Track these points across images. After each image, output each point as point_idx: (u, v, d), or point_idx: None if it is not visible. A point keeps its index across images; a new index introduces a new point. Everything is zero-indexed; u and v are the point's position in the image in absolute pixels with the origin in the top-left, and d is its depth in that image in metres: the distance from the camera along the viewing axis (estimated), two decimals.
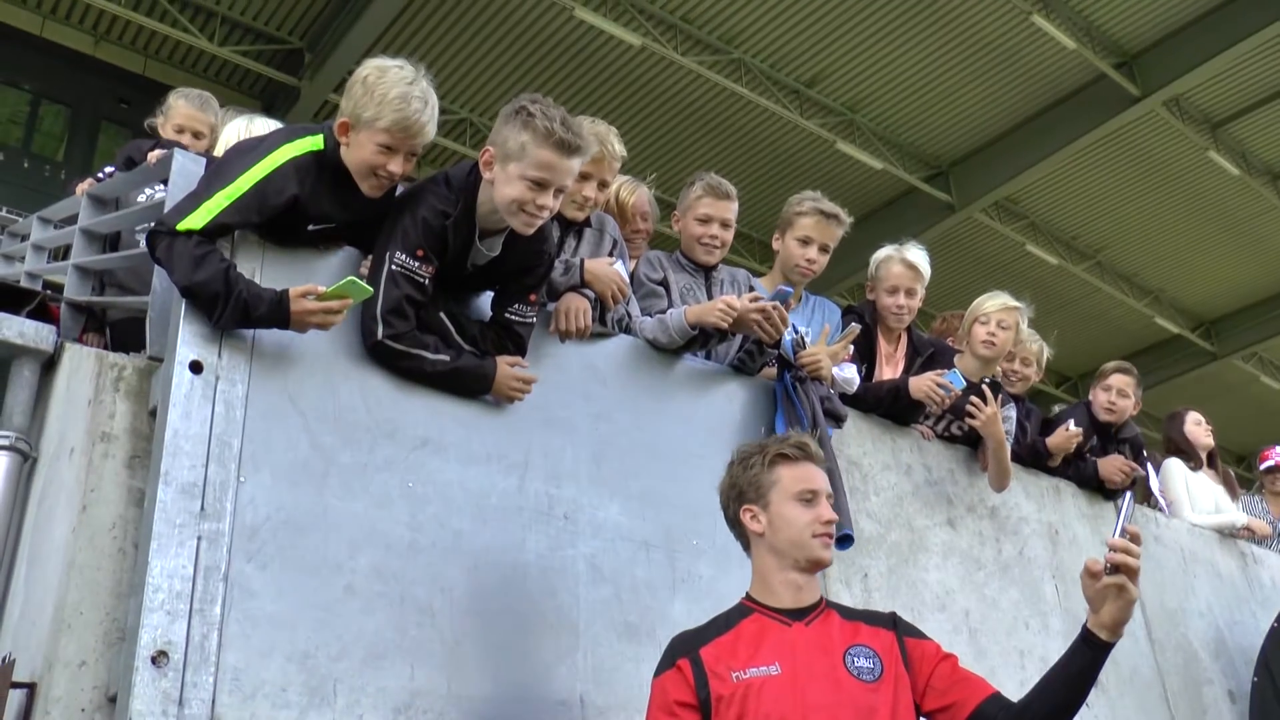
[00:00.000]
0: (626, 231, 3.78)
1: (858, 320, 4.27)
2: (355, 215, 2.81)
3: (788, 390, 3.53)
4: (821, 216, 3.96)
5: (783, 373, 3.58)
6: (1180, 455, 5.80)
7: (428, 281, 2.78)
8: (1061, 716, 2.25)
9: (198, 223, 2.53)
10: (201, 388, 2.49)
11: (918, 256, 4.33)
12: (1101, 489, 4.74)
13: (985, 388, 4.18)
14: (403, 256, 2.74)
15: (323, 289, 2.56)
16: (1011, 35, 13.08)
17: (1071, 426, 4.67)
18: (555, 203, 2.81)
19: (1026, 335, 4.76)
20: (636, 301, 3.58)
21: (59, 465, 2.60)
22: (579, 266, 3.26)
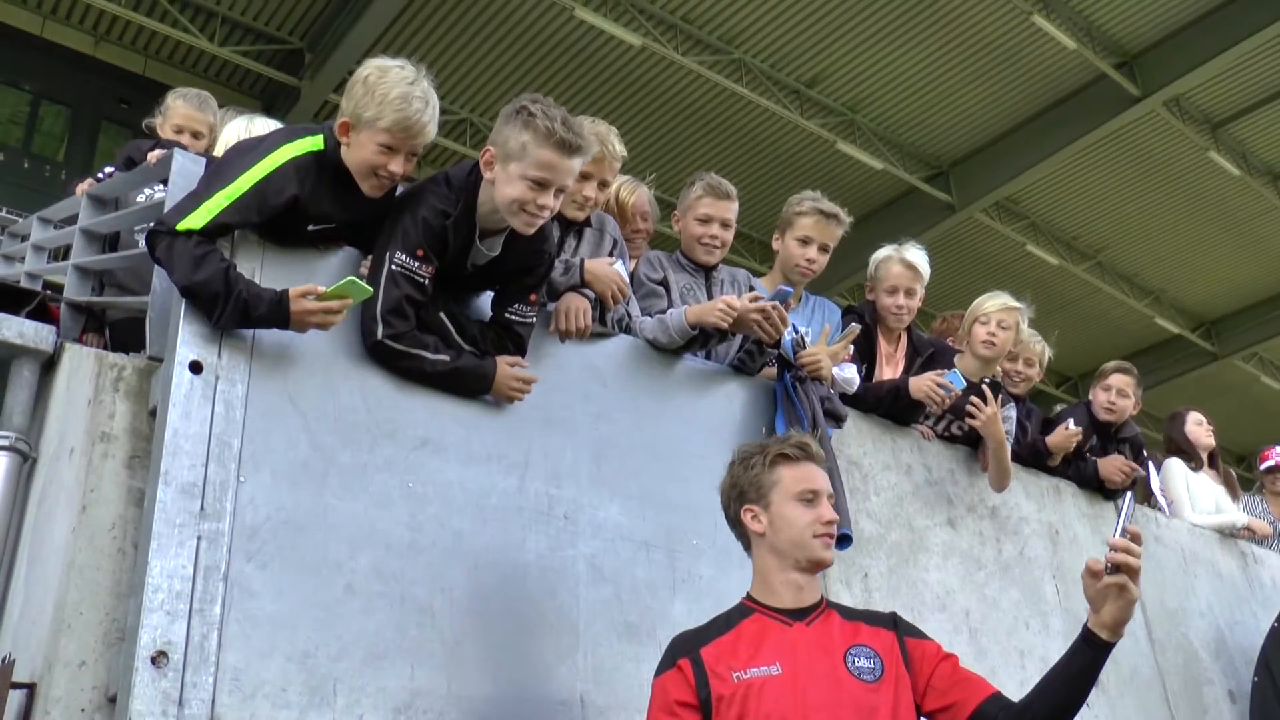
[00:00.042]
0: (627, 231, 3.78)
1: (858, 320, 4.27)
2: (355, 215, 2.81)
3: (788, 390, 3.53)
4: (821, 216, 3.96)
5: (783, 373, 3.58)
6: (1181, 455, 5.81)
7: (428, 281, 2.78)
8: (1062, 716, 2.25)
9: (197, 222, 2.53)
10: (201, 388, 2.49)
11: (917, 256, 4.33)
12: (1102, 489, 4.74)
13: (985, 388, 4.18)
14: (403, 256, 2.74)
15: (322, 289, 2.56)
16: (1012, 35, 13.07)
17: (1071, 426, 4.67)
18: (556, 203, 2.81)
19: (1030, 336, 4.76)
20: (636, 301, 3.58)
21: (59, 465, 2.60)
22: (579, 266, 3.26)
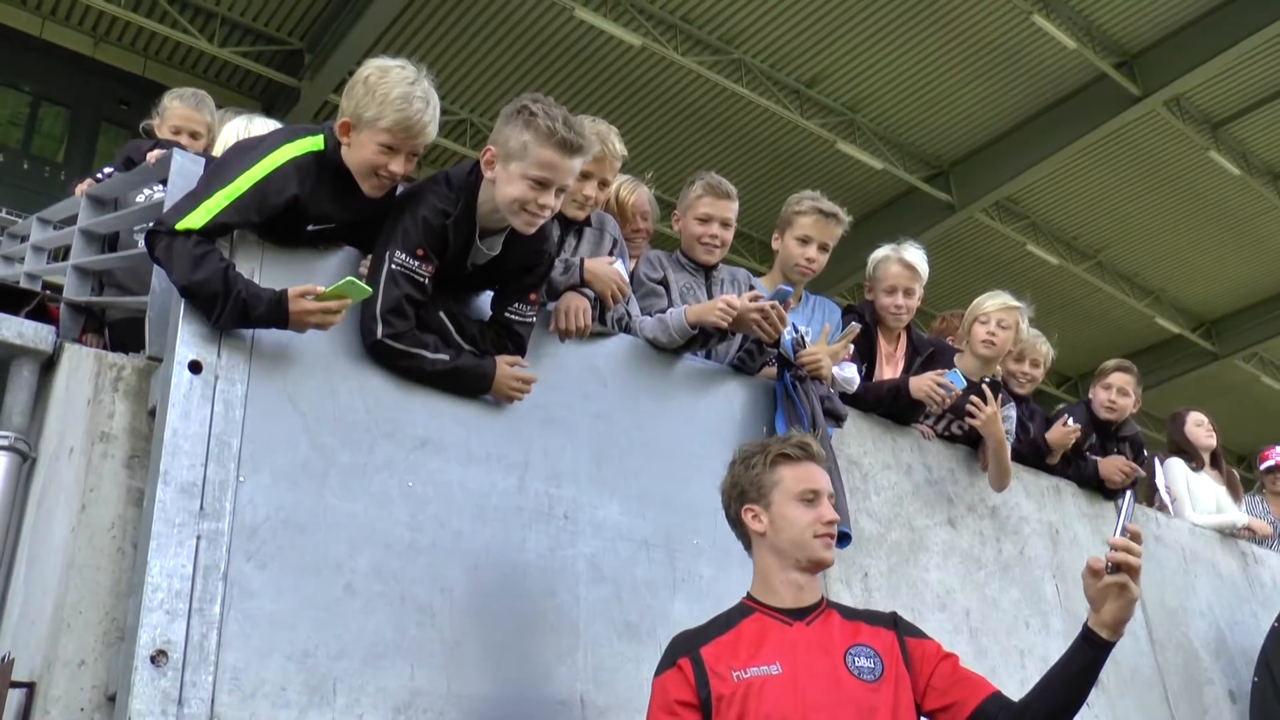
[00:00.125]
0: (627, 231, 3.78)
1: (857, 320, 4.27)
2: (355, 215, 2.81)
3: (788, 389, 3.53)
4: (820, 215, 3.96)
5: (783, 372, 3.58)
6: (1182, 455, 5.81)
7: (428, 281, 2.78)
8: (1062, 715, 2.25)
9: (197, 222, 2.53)
10: (201, 387, 2.49)
11: (915, 256, 4.33)
12: (1102, 489, 4.74)
13: (985, 387, 4.18)
14: (403, 256, 2.74)
15: (321, 289, 2.56)
16: (1012, 35, 13.07)
17: (1070, 423, 4.68)
18: (557, 202, 2.81)
19: (1035, 336, 4.76)
20: (636, 301, 3.58)
21: (58, 465, 2.59)
22: (579, 266, 3.26)
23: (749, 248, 15.13)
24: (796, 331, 3.60)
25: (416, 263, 2.75)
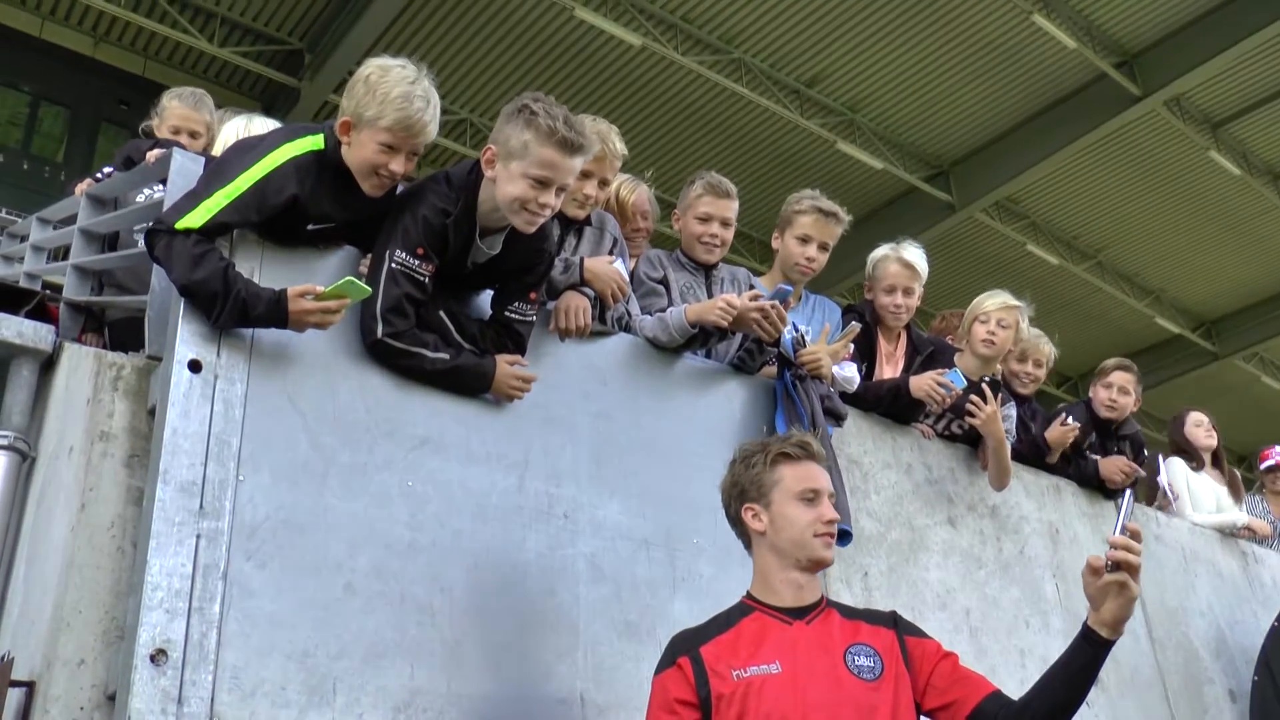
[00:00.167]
0: (627, 230, 3.78)
1: (857, 319, 4.27)
2: (355, 215, 2.81)
3: (788, 389, 3.53)
4: (820, 215, 3.96)
5: (783, 371, 3.58)
6: (1182, 455, 5.82)
7: (428, 280, 2.78)
8: (1062, 714, 2.25)
9: (196, 221, 2.53)
10: (200, 387, 2.49)
11: (914, 255, 4.33)
12: (1102, 488, 4.74)
13: (985, 386, 4.18)
14: (403, 255, 2.74)
15: (321, 288, 2.56)
16: (1012, 35, 13.07)
17: (1069, 421, 4.68)
18: (557, 201, 2.81)
19: (1037, 336, 4.76)
20: (636, 300, 3.58)
21: (58, 464, 2.59)
22: (579, 265, 3.26)
23: (749, 247, 15.13)
24: (796, 331, 3.60)
25: (417, 262, 2.75)
